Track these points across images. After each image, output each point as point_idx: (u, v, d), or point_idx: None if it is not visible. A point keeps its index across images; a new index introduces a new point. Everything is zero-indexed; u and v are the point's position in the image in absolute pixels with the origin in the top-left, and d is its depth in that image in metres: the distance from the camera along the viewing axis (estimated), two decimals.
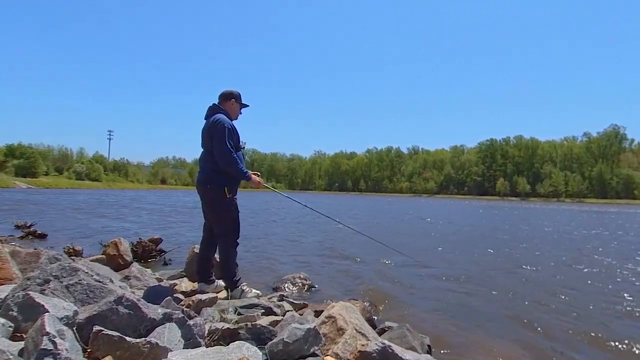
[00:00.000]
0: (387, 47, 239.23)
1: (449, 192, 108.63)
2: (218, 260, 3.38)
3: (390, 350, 1.89)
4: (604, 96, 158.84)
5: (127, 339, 1.60)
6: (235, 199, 3.27)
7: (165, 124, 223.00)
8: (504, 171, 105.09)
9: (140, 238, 5.65)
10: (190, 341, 1.84)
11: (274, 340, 1.90)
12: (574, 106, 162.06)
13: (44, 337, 1.42)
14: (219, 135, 3.06)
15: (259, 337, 2.08)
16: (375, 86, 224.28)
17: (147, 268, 3.95)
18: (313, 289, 4.22)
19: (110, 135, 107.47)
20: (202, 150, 3.30)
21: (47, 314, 1.57)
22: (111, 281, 2.51)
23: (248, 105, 3.48)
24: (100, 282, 2.23)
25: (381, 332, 2.68)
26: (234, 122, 3.28)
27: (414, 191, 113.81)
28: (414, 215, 19.70)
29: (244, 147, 3.40)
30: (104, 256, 4.54)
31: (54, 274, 2.14)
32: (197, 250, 4.08)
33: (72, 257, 3.52)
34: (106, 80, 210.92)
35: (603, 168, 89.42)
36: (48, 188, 44.64)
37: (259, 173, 3.45)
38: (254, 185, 3.37)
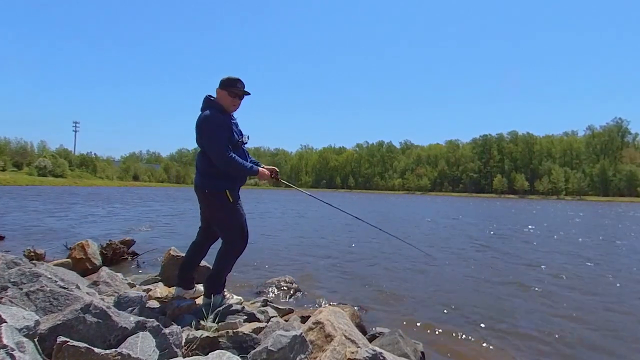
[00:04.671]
0: (378, 37, 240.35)
1: (443, 190, 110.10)
2: (212, 264, 3.27)
3: (381, 358, 1.91)
4: (607, 88, 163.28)
5: (96, 350, 1.57)
6: (240, 202, 3.13)
7: (138, 115, 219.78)
8: (501, 167, 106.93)
9: (110, 240, 5.56)
10: (166, 351, 1.82)
11: (257, 349, 1.90)
12: (575, 100, 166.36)
13: (1, 350, 1.38)
14: (207, 134, 2.89)
15: (241, 346, 2.08)
16: (366, 77, 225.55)
17: (118, 272, 3.88)
18: (299, 293, 4.23)
19: (75, 127, 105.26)
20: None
21: (4, 324, 1.53)
22: (78, 287, 2.46)
23: (248, 93, 3.13)
24: (65, 288, 2.18)
25: (372, 339, 2.71)
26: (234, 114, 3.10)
27: (407, 188, 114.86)
28: (408, 214, 19.90)
29: (246, 142, 3.18)
30: (69, 260, 4.46)
31: (12, 280, 2.09)
32: (173, 253, 4.04)
33: (34, 262, 3.43)
34: (71, 65, 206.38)
35: (605, 164, 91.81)
36: (5, 185, 43.37)
37: (276, 169, 3.24)
38: (264, 179, 3.16)
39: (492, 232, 11.65)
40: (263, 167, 3.20)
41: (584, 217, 20.84)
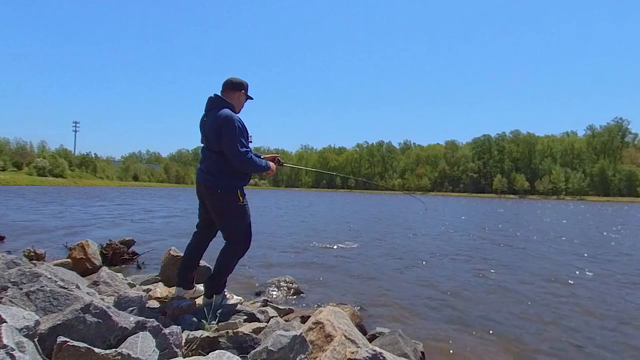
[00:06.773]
0: (378, 37, 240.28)
1: (443, 190, 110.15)
2: (212, 264, 3.27)
3: (381, 358, 1.92)
4: (607, 88, 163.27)
5: (96, 350, 1.57)
6: (247, 201, 3.13)
7: (138, 115, 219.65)
8: (501, 167, 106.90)
9: (110, 240, 5.56)
10: (166, 351, 1.82)
11: (257, 349, 1.90)
12: (576, 99, 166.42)
13: (1, 350, 1.38)
14: (230, 134, 2.86)
15: (241, 346, 2.08)
16: (366, 77, 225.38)
17: (118, 272, 3.89)
18: (299, 293, 4.23)
19: (75, 127, 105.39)
20: (202, 146, 3.12)
21: (4, 324, 1.53)
22: (78, 287, 2.46)
23: (252, 98, 3.29)
24: (65, 288, 2.19)
25: (372, 339, 2.71)
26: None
27: (407, 188, 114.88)
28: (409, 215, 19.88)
29: (250, 141, 3.21)
30: (69, 260, 4.45)
31: (12, 280, 2.09)
32: (173, 253, 4.04)
33: (34, 262, 3.43)
34: (71, 65, 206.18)
35: (605, 164, 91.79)
36: (5, 185, 43.40)
37: (278, 155, 3.36)
38: (273, 173, 3.26)
39: (492, 233, 11.65)
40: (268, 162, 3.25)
41: (595, 219, 20.84)
